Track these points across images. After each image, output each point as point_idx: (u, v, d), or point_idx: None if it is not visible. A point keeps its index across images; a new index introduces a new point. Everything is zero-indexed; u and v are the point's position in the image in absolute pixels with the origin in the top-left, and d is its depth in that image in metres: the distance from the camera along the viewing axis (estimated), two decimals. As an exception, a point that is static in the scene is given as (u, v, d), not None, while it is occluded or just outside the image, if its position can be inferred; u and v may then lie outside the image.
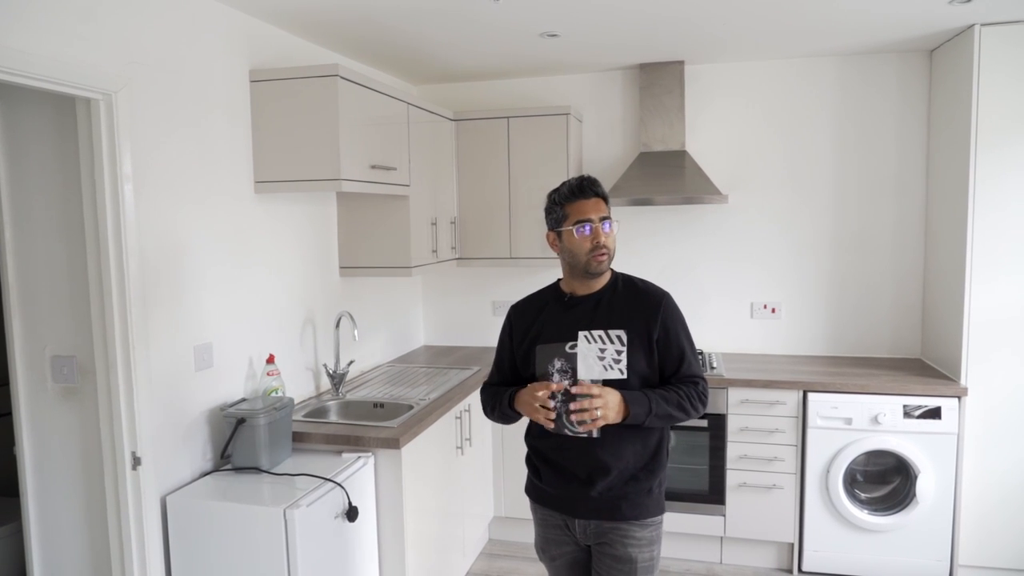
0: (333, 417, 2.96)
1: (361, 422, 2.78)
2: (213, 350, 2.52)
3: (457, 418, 3.14)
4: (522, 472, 3.54)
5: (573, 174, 3.72)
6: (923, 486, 3.09)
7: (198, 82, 2.44)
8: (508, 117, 3.69)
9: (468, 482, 3.30)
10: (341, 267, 3.34)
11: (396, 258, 3.25)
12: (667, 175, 3.57)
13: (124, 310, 2.14)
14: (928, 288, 3.56)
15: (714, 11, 2.80)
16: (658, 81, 3.67)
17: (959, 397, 3.07)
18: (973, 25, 2.97)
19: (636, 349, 1.86)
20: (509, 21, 2.86)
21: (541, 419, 1.83)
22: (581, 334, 1.87)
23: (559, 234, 1.93)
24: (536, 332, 1.94)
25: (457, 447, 3.14)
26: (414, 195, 3.26)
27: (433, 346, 4.24)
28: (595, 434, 1.85)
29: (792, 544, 3.34)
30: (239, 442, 2.42)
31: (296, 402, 2.97)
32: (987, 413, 3.09)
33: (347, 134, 2.67)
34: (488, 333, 4.18)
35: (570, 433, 1.85)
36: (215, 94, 2.53)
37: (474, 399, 3.33)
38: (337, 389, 3.10)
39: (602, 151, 3.93)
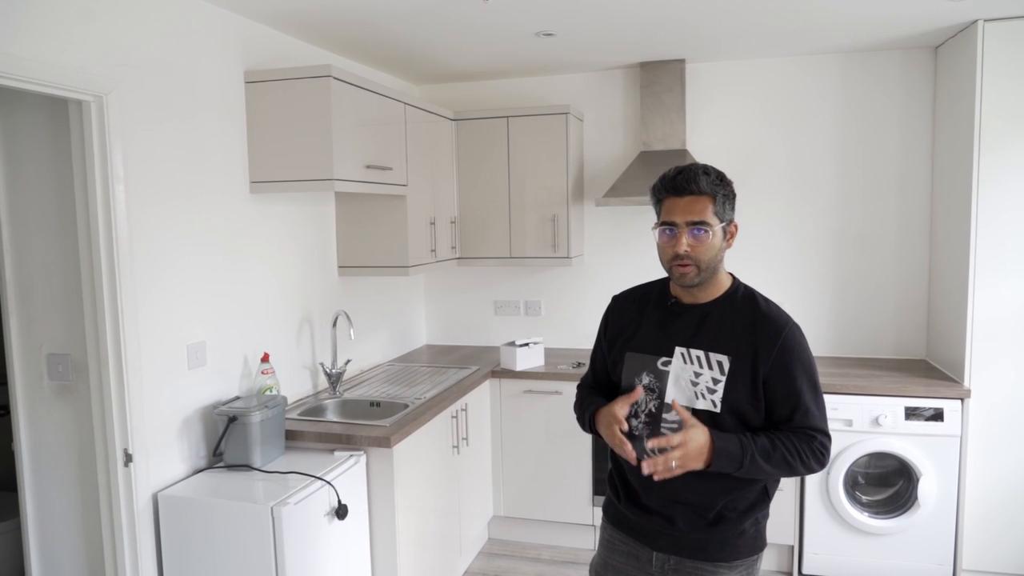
0: (328, 416, 2.98)
1: (355, 420, 2.80)
2: (207, 349, 2.54)
3: (453, 417, 3.14)
4: (522, 472, 3.59)
5: (573, 173, 3.73)
6: (925, 489, 3.04)
7: (191, 83, 2.47)
8: (508, 116, 3.69)
9: (466, 481, 3.31)
10: (340, 266, 3.36)
11: (394, 258, 3.27)
12: (667, 174, 3.54)
13: (115, 309, 2.18)
14: (933, 288, 3.50)
15: (709, 11, 2.78)
16: (658, 80, 3.65)
17: (962, 399, 3.02)
18: (976, 21, 2.92)
19: (737, 382, 1.57)
20: (502, 21, 2.86)
21: (617, 449, 1.60)
22: (678, 350, 1.61)
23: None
24: (630, 334, 1.71)
25: (453, 446, 3.15)
26: (412, 195, 3.27)
27: (435, 345, 4.26)
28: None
29: (792, 546, 3.30)
30: (231, 440, 2.44)
31: (293, 401, 3.00)
32: (991, 415, 3.04)
33: (341, 134, 2.69)
34: (489, 332, 4.18)
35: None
36: (209, 95, 2.55)
37: (471, 398, 3.34)
38: (334, 388, 3.12)
39: (603, 150, 3.91)
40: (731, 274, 1.71)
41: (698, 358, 1.60)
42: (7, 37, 1.85)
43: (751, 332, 1.59)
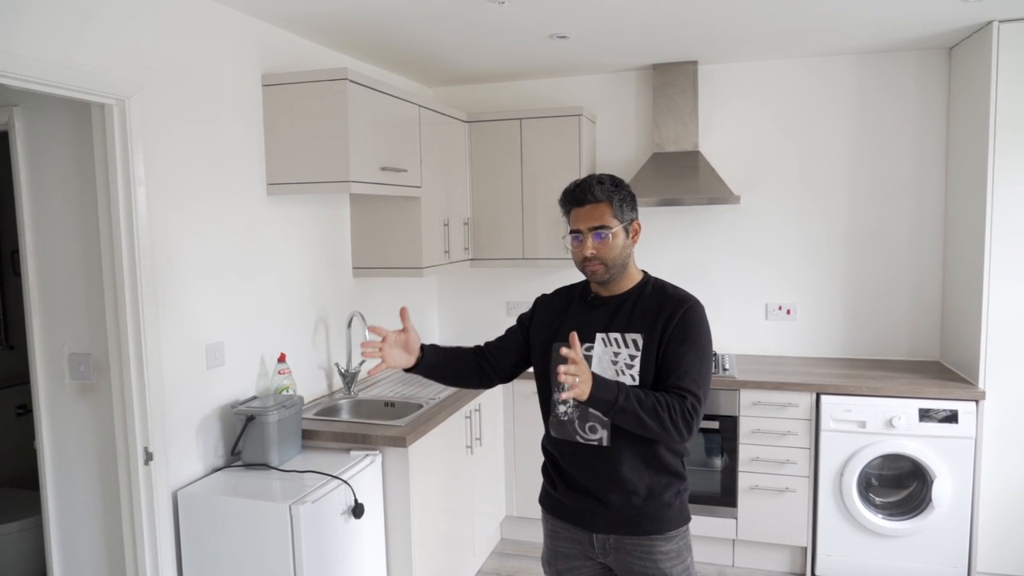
0: (344, 415, 3.01)
1: (370, 420, 2.82)
2: (225, 349, 2.57)
3: (467, 417, 3.16)
4: (534, 472, 3.59)
5: (585, 174, 3.72)
6: (939, 491, 3.04)
7: (210, 87, 2.50)
8: (521, 118, 3.71)
9: (479, 481, 3.33)
10: (354, 268, 3.39)
11: (408, 259, 3.29)
12: (680, 176, 3.55)
13: (136, 309, 2.21)
14: (947, 289, 3.49)
15: (724, 11, 2.79)
16: (671, 81, 3.66)
17: (977, 401, 3.01)
18: (991, 22, 2.92)
19: (650, 356, 1.75)
20: (516, 23, 2.87)
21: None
22: (599, 336, 1.78)
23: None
24: (556, 328, 1.87)
25: (467, 446, 3.17)
26: (426, 196, 3.30)
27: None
28: (604, 442, 1.75)
29: (805, 548, 3.30)
30: (249, 439, 2.47)
31: (308, 400, 3.03)
32: (1006, 417, 3.03)
33: (357, 136, 2.71)
34: (502, 333, 4.19)
35: (582, 440, 1.78)
36: (227, 99, 2.58)
37: (485, 399, 3.36)
38: (349, 388, 3.15)
39: (615, 152, 3.93)
40: (643, 271, 1.89)
41: (616, 340, 1.78)
42: (31, 41, 1.89)
43: (660, 310, 1.77)
